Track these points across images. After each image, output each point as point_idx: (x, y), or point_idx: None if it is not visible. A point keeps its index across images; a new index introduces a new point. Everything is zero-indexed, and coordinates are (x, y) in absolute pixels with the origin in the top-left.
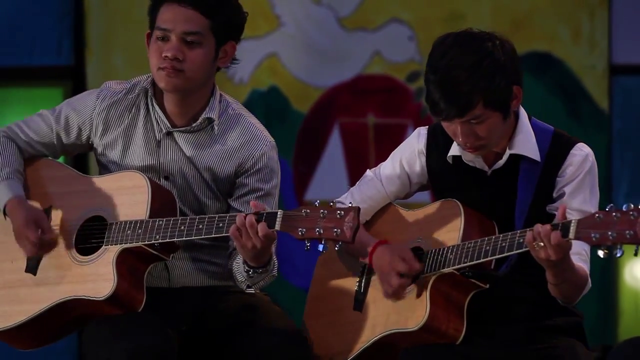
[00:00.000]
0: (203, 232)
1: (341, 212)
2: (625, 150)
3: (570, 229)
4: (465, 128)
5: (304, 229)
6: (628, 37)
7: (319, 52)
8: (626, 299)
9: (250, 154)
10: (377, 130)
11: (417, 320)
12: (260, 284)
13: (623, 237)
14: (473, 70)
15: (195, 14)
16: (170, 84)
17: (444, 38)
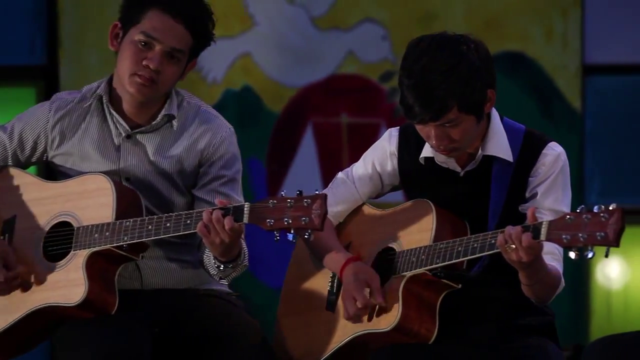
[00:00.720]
0: (171, 230)
1: (308, 200)
2: (597, 150)
3: (541, 231)
4: (439, 131)
5: (272, 219)
6: (601, 37)
7: (293, 51)
8: (598, 298)
9: (211, 142)
10: (350, 130)
11: (389, 321)
12: (232, 275)
13: (594, 239)
14: (448, 74)
15: (186, 33)
16: (142, 94)
17: (418, 41)
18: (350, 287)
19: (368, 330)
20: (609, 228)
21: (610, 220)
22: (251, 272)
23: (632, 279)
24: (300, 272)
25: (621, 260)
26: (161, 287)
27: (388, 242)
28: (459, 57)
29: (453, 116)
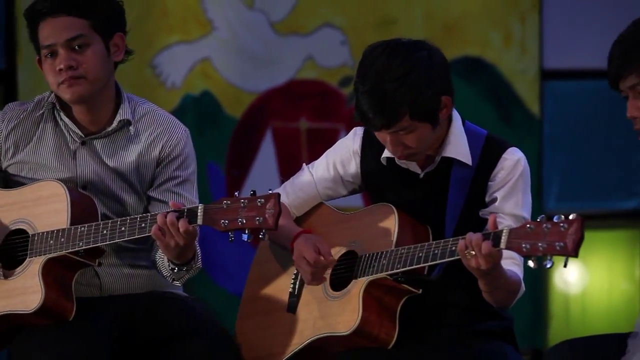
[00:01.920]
0: (126, 234)
1: (262, 200)
2: (556, 155)
3: (501, 239)
4: (393, 138)
5: (226, 220)
6: (559, 42)
7: (252, 56)
8: (556, 303)
9: (166, 143)
10: (309, 135)
11: (349, 324)
12: (185, 277)
13: (553, 249)
14: (400, 82)
15: (70, 19)
16: (76, 94)
17: (373, 47)
18: (301, 249)
19: (328, 333)
20: (568, 238)
21: (570, 231)
22: (211, 277)
23: (590, 283)
24: (262, 274)
25: (579, 265)
26: (120, 293)
27: (350, 245)
28: (412, 64)
29: (406, 124)
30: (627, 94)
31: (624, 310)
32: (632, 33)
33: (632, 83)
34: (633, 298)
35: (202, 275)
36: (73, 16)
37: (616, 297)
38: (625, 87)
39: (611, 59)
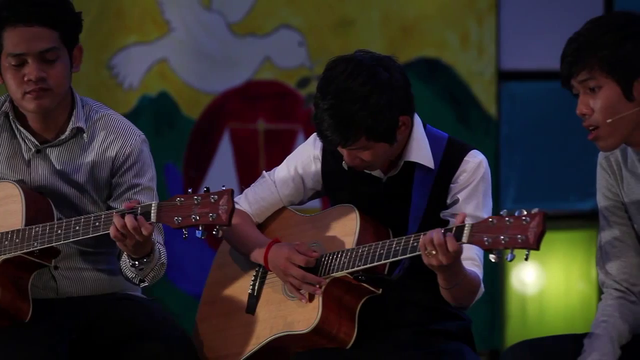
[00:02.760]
0: (80, 233)
1: (215, 197)
2: (513, 156)
3: (463, 233)
4: (349, 153)
5: (180, 217)
6: (516, 43)
7: (209, 57)
8: (513, 303)
9: (121, 151)
10: (267, 136)
11: (308, 323)
12: (151, 275)
13: (515, 242)
14: (361, 105)
15: (44, 30)
16: (42, 106)
17: (335, 63)
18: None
19: (286, 333)
20: (530, 231)
21: (532, 224)
22: (169, 279)
23: (547, 284)
24: (221, 276)
25: (536, 266)
26: (77, 295)
27: (311, 246)
28: (373, 86)
29: (362, 144)
30: (578, 90)
31: (581, 311)
32: (585, 31)
33: (583, 78)
34: (590, 298)
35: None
36: (46, 27)
37: (573, 298)
38: (577, 82)
39: (564, 57)
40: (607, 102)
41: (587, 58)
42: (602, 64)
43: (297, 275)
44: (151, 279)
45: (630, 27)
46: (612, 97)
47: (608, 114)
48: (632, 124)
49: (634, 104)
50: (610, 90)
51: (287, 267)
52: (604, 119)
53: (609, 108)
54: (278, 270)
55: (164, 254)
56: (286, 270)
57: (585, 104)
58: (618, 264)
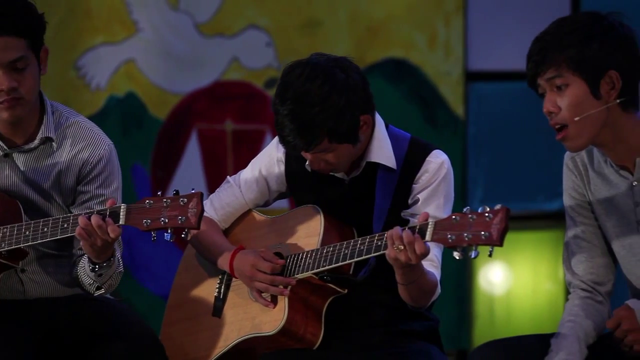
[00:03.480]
0: (48, 235)
1: (184, 199)
2: (480, 156)
3: (427, 231)
4: (313, 157)
5: (149, 219)
6: (483, 43)
7: (177, 58)
8: (481, 303)
9: (88, 160)
10: (235, 137)
11: (274, 325)
12: (108, 282)
13: (478, 238)
14: (320, 107)
15: (11, 40)
16: (14, 115)
17: (292, 68)
18: (248, 264)
19: (253, 334)
20: (493, 228)
21: (495, 220)
22: (135, 278)
23: (514, 284)
24: (187, 280)
25: (504, 266)
26: (44, 297)
27: (276, 247)
28: (331, 87)
29: (325, 146)
30: (545, 89)
31: (548, 311)
32: (551, 31)
33: (550, 76)
34: (557, 298)
35: (126, 277)
36: (14, 36)
37: (540, 298)
38: (543, 80)
39: (530, 56)
40: (575, 99)
41: (554, 56)
42: (570, 62)
43: (264, 280)
44: (107, 287)
45: (596, 26)
46: (580, 95)
47: (575, 112)
48: (599, 122)
49: (601, 102)
50: (578, 88)
51: (253, 274)
52: (572, 117)
53: (576, 106)
54: (244, 277)
55: (121, 264)
56: (253, 276)
57: (552, 102)
58: (585, 264)
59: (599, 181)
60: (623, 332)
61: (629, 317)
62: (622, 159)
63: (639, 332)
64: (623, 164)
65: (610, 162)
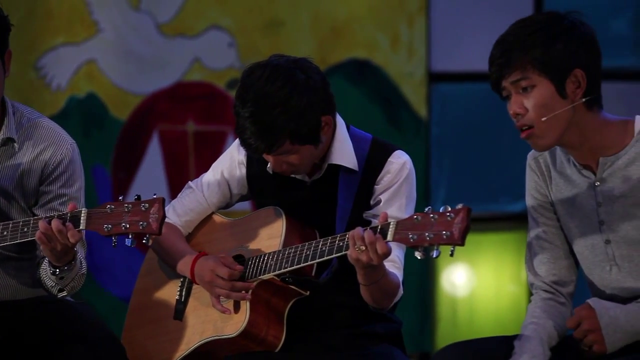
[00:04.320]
0: (8, 239)
1: (146, 205)
2: (443, 157)
3: (388, 231)
4: (275, 159)
5: (110, 225)
6: (446, 44)
7: (138, 58)
8: (444, 305)
9: (52, 159)
10: (197, 138)
11: (235, 327)
12: (71, 285)
13: (440, 238)
14: (281, 109)
15: None
16: None
17: (251, 70)
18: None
19: (214, 337)
20: (455, 227)
21: (456, 220)
22: (97, 281)
23: (477, 286)
24: (149, 284)
25: (467, 268)
26: (4, 300)
27: (238, 249)
28: (291, 89)
29: (287, 148)
30: (510, 91)
31: (511, 313)
32: (512, 32)
33: (515, 78)
34: (520, 300)
35: (87, 280)
36: None
37: (503, 300)
38: (508, 83)
39: (493, 60)
40: (542, 100)
41: (518, 58)
42: (535, 63)
43: (224, 286)
44: (70, 289)
45: (558, 26)
46: (546, 95)
47: (543, 112)
48: (565, 121)
49: (567, 102)
50: (544, 89)
51: (213, 279)
52: (539, 117)
53: (543, 106)
54: (204, 283)
55: (85, 266)
56: (212, 282)
57: (518, 104)
58: (547, 265)
59: (562, 181)
60: (583, 332)
61: (589, 316)
62: (585, 159)
63: (599, 332)
64: (586, 164)
65: (573, 162)
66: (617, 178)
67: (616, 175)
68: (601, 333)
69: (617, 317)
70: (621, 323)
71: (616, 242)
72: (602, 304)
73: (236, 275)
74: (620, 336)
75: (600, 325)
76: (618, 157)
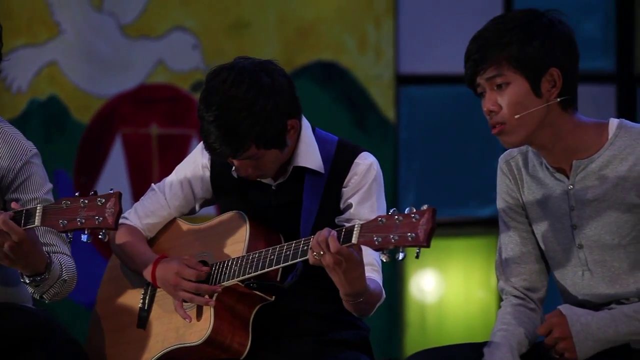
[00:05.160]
0: None
1: (102, 199)
2: (411, 161)
3: (353, 234)
4: (240, 163)
5: (65, 220)
6: (414, 46)
7: (101, 60)
8: (412, 311)
9: (10, 167)
10: (160, 141)
11: (200, 334)
12: (51, 291)
13: (405, 240)
14: (246, 113)
15: None
16: None
17: (216, 73)
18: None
19: (178, 345)
20: (420, 228)
21: (421, 221)
22: None
23: (446, 292)
24: (112, 290)
25: (435, 273)
26: None
27: (201, 255)
28: (257, 92)
29: (252, 153)
30: (484, 88)
31: (481, 319)
32: (489, 28)
33: (490, 75)
34: (489, 306)
35: None
36: None
37: (473, 306)
38: (483, 80)
39: (469, 55)
40: (516, 98)
41: (494, 55)
42: (511, 60)
43: (189, 288)
44: (52, 296)
45: (536, 23)
46: (521, 93)
47: (516, 110)
48: (538, 120)
49: (542, 100)
50: (519, 87)
51: (178, 282)
52: (512, 115)
53: (517, 104)
54: (168, 286)
55: (68, 270)
56: (177, 285)
57: (492, 101)
58: (517, 270)
59: (534, 185)
60: (554, 339)
61: (560, 323)
62: (558, 161)
63: (570, 340)
64: (559, 167)
65: (545, 165)
66: (591, 181)
67: (590, 179)
68: (572, 340)
69: (589, 324)
70: (592, 330)
71: (589, 247)
72: (574, 310)
73: (202, 277)
74: (591, 344)
75: (571, 333)
76: (592, 160)
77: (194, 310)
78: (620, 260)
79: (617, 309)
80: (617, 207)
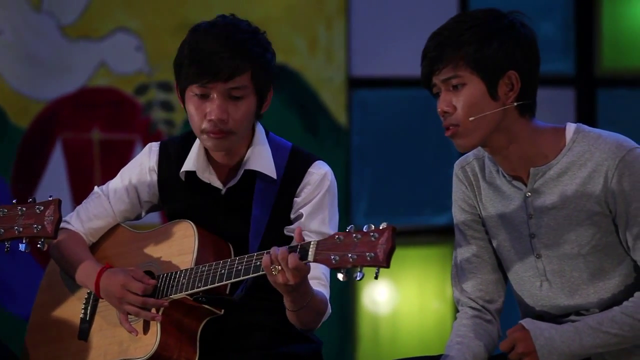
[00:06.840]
0: None
1: (40, 207)
2: (364, 167)
3: (309, 251)
4: (222, 102)
5: (2, 229)
6: (366, 48)
7: (40, 62)
8: (365, 323)
9: None
10: (103, 147)
11: (146, 350)
12: None
13: (364, 260)
14: (252, 35)
15: None
16: None
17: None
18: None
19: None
20: (379, 248)
21: (380, 240)
22: None
23: (400, 303)
24: (50, 299)
25: (389, 284)
26: None
27: (147, 265)
28: (255, 28)
29: (242, 83)
30: (440, 88)
31: (436, 331)
32: (449, 26)
33: (446, 76)
34: (444, 318)
35: None
36: None
37: (427, 317)
38: (439, 80)
39: (426, 53)
40: (472, 99)
41: (451, 54)
42: (468, 61)
43: (135, 302)
44: None
45: (496, 24)
46: (477, 95)
47: (471, 112)
48: (493, 124)
49: (498, 104)
50: (475, 88)
51: (123, 295)
52: (466, 117)
53: (472, 106)
54: (112, 299)
55: None
56: (123, 298)
57: (447, 102)
58: (474, 280)
59: (491, 192)
60: (518, 355)
61: (524, 338)
62: (515, 169)
63: (534, 354)
64: (516, 174)
65: (502, 173)
66: (549, 189)
67: (548, 186)
68: (536, 355)
69: (553, 338)
70: (557, 344)
71: (547, 257)
72: (536, 324)
73: (149, 290)
74: (556, 358)
75: (535, 347)
76: (550, 166)
77: (140, 323)
78: (580, 270)
79: (581, 322)
80: (577, 215)
